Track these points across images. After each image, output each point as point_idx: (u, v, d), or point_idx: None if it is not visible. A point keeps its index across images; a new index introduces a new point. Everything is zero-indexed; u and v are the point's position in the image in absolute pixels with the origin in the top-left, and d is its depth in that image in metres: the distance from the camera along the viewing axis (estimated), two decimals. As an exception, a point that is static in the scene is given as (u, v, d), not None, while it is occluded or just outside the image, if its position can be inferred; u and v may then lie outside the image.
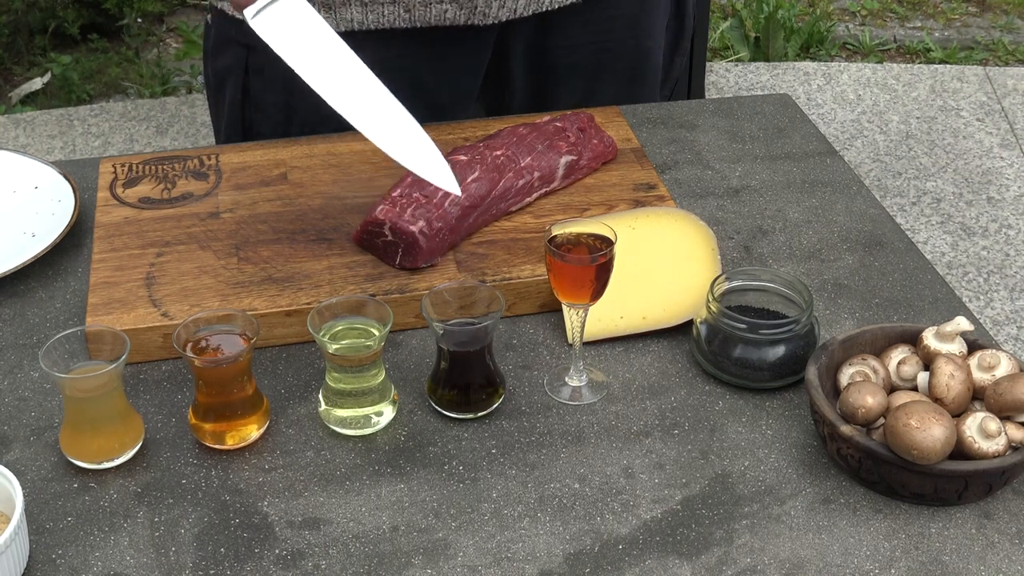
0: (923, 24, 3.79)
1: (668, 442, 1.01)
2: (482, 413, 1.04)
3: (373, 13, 1.30)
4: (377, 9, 1.30)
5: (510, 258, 1.17)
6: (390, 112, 1.03)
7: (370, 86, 1.03)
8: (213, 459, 1.00)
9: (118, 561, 0.91)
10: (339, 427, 1.02)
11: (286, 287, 1.13)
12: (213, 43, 1.41)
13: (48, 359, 0.95)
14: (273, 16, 1.00)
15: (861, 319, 1.15)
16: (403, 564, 0.91)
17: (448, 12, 1.31)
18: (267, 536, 0.93)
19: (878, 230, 1.28)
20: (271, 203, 1.24)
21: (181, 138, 3.11)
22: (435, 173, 1.03)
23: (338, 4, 1.30)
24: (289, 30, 1.00)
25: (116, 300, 1.11)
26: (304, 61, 1.00)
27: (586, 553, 0.92)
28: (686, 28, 1.54)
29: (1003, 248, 2.72)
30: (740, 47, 3.57)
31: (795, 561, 0.91)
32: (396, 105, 1.03)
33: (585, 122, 1.31)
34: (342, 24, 1.31)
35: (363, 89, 1.02)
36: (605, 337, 1.11)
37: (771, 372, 1.05)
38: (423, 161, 1.02)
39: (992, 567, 0.91)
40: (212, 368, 0.97)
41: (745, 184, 1.34)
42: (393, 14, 1.31)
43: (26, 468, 0.99)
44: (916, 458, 0.91)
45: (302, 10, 1.02)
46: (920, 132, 3.14)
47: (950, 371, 0.96)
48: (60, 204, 1.26)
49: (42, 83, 3.35)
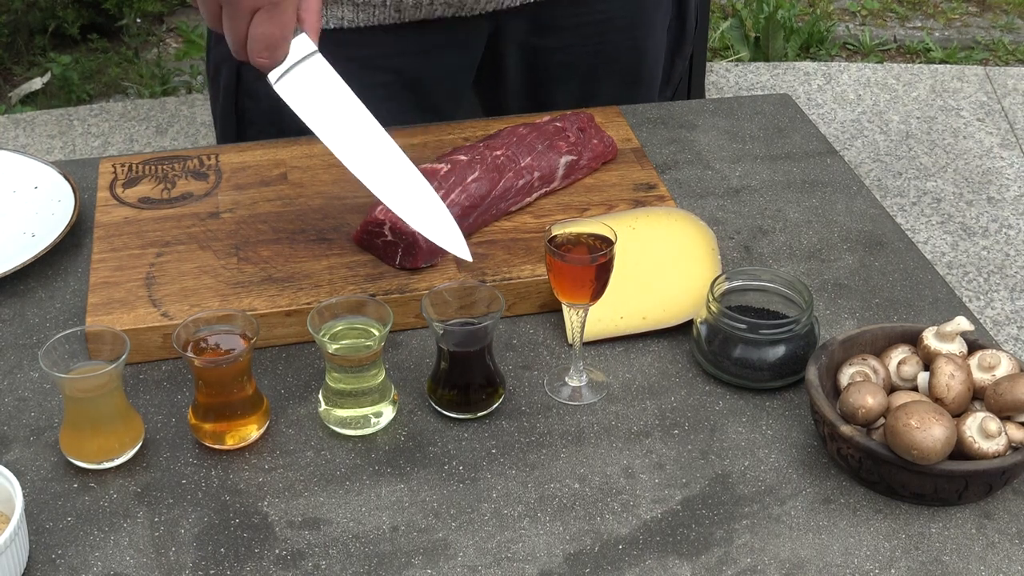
0: (923, 24, 3.79)
1: (668, 442, 1.01)
2: (482, 413, 1.04)
3: (364, 12, 1.31)
4: (368, 9, 1.30)
5: (510, 258, 1.17)
6: (405, 177, 1.07)
7: (386, 149, 1.07)
8: (213, 459, 1.00)
9: (118, 561, 0.91)
10: (339, 427, 1.02)
11: (286, 287, 1.13)
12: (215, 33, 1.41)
13: (48, 359, 0.95)
14: (295, 79, 1.04)
15: (861, 319, 1.15)
16: (403, 564, 0.91)
17: (438, 11, 1.31)
18: (267, 536, 0.93)
19: (878, 230, 1.28)
20: (271, 203, 1.24)
21: (181, 138, 3.11)
22: (447, 239, 1.06)
23: (329, 2, 1.30)
24: (310, 93, 1.05)
25: (116, 300, 1.11)
26: (324, 124, 1.05)
27: (586, 553, 0.92)
28: (687, 30, 1.54)
29: (1003, 248, 2.72)
30: (740, 47, 3.57)
31: (795, 561, 0.91)
32: (412, 169, 1.07)
33: (585, 122, 1.31)
34: (331, 21, 1.31)
35: (379, 153, 1.06)
36: (605, 337, 1.11)
37: (771, 372, 1.05)
38: (436, 227, 1.06)
39: (992, 567, 0.91)
40: (212, 368, 0.97)
41: (745, 184, 1.34)
42: (383, 14, 1.31)
43: (26, 468, 0.99)
44: (916, 458, 0.91)
45: (322, 72, 1.06)
46: (920, 132, 3.14)
47: (950, 371, 0.96)
48: (60, 204, 1.26)
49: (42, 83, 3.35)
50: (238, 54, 1.03)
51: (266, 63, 1.03)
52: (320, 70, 1.05)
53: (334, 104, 1.05)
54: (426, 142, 1.35)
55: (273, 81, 1.04)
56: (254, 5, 0.99)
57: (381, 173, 1.05)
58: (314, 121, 1.05)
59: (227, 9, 1.00)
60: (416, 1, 1.30)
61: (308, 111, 1.04)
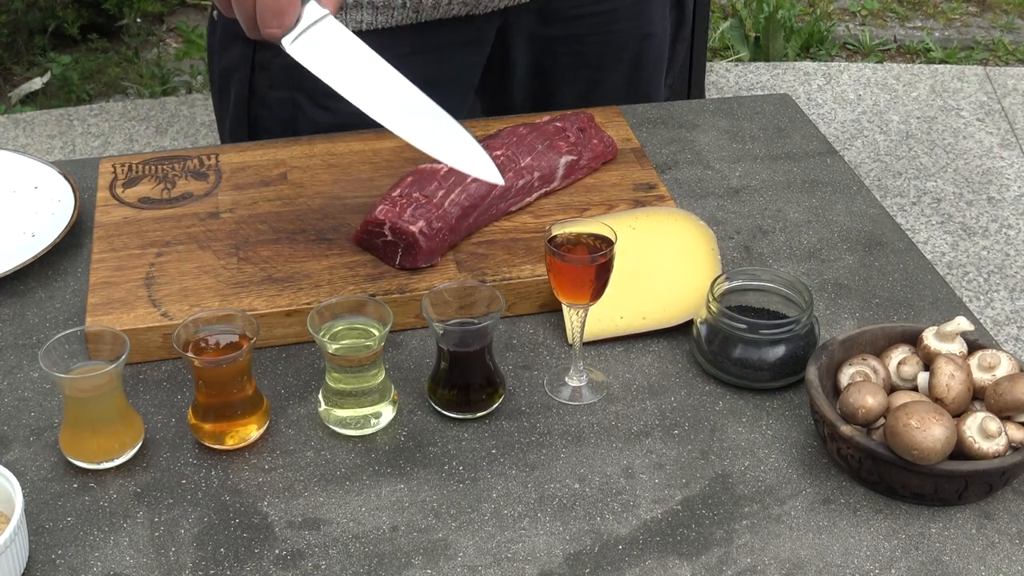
0: (923, 24, 3.79)
1: (668, 442, 1.01)
2: (482, 413, 1.04)
3: (383, 15, 1.32)
4: (387, 12, 1.31)
5: (510, 258, 1.17)
6: (428, 114, 1.06)
7: (408, 93, 1.06)
8: (213, 459, 1.00)
9: (118, 561, 0.91)
10: (339, 427, 1.02)
11: (286, 287, 1.13)
12: (219, 40, 1.41)
13: (48, 359, 0.95)
14: (308, 41, 1.05)
15: (861, 319, 1.15)
16: (403, 564, 0.91)
17: (455, 9, 1.32)
18: (267, 536, 0.93)
19: (878, 230, 1.28)
20: (271, 203, 1.24)
21: (181, 138, 3.11)
22: (478, 167, 1.05)
23: (349, 6, 1.30)
24: (324, 52, 1.05)
25: (116, 300, 1.11)
26: (341, 78, 1.05)
27: (586, 553, 0.92)
28: (686, 14, 1.55)
29: (1003, 248, 2.72)
30: (740, 47, 3.57)
31: (795, 561, 0.91)
32: (436, 109, 1.06)
33: (585, 122, 1.31)
34: (351, 24, 1.32)
35: (404, 100, 1.06)
36: (605, 337, 1.11)
37: (771, 372, 1.05)
38: (466, 157, 1.05)
39: (992, 567, 0.91)
40: (212, 368, 0.97)
41: (745, 184, 1.34)
42: (402, 15, 1.32)
43: (26, 468, 0.99)
44: (916, 458, 0.91)
45: (335, 32, 1.06)
46: (920, 132, 3.14)
47: (950, 371, 0.96)
48: (60, 204, 1.26)
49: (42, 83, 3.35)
50: (250, 32, 1.04)
51: (276, 32, 1.03)
52: (333, 31, 1.05)
53: (349, 59, 1.05)
54: (426, 142, 1.35)
55: (287, 46, 1.04)
56: None
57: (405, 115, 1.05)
58: (331, 77, 1.05)
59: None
60: (435, 1, 1.31)
61: (324, 69, 1.05)
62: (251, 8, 1.02)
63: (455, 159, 1.05)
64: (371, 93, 1.05)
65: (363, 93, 1.04)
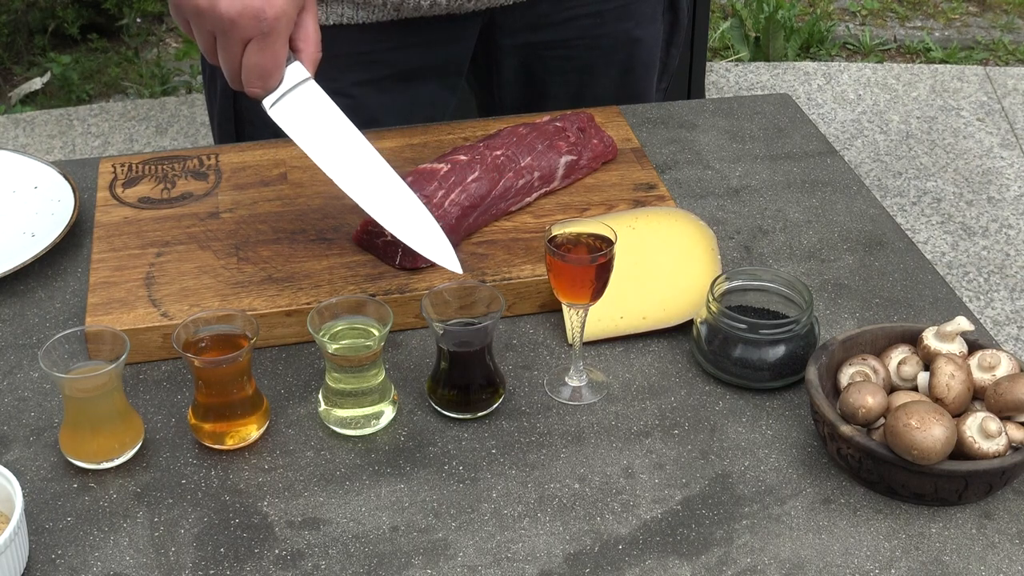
0: (923, 24, 3.79)
1: (668, 442, 1.01)
2: (482, 413, 1.04)
3: (364, 11, 1.32)
4: (368, 8, 1.31)
5: (510, 258, 1.17)
6: (397, 194, 1.09)
7: (377, 168, 1.09)
8: (213, 459, 1.00)
9: (118, 561, 0.91)
10: (339, 427, 1.02)
11: (286, 287, 1.13)
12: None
13: (48, 359, 0.95)
14: (289, 105, 1.07)
15: (861, 319, 1.15)
16: (403, 564, 0.91)
17: (436, 8, 1.32)
18: (267, 536, 0.93)
19: (878, 230, 1.28)
20: (271, 203, 1.24)
21: (181, 138, 3.11)
22: (438, 253, 1.08)
23: (329, 0, 1.30)
24: (303, 117, 1.07)
25: (116, 300, 1.11)
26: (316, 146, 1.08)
27: (586, 553, 0.92)
28: (680, 20, 1.55)
29: (1003, 248, 2.72)
30: (740, 47, 3.57)
31: (795, 561, 0.91)
32: (403, 187, 1.09)
33: (585, 122, 1.31)
34: (331, 18, 1.32)
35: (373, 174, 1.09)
36: (605, 337, 1.11)
37: (771, 372, 1.05)
38: (428, 242, 1.08)
39: (992, 567, 0.91)
40: (212, 368, 0.97)
41: (745, 184, 1.34)
42: (383, 12, 1.32)
43: (26, 468, 0.99)
44: (916, 458, 0.91)
45: (315, 97, 1.08)
46: (920, 132, 3.14)
47: (950, 371, 0.96)
48: (60, 204, 1.26)
49: (42, 83, 3.35)
50: (233, 84, 1.06)
51: (259, 92, 1.06)
52: (313, 95, 1.08)
53: (326, 127, 1.08)
54: (426, 142, 1.35)
55: (268, 107, 1.06)
56: (246, 36, 1.01)
57: (373, 191, 1.08)
58: (306, 143, 1.07)
59: (221, 40, 1.03)
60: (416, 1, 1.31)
61: (300, 134, 1.07)
62: (237, 65, 1.04)
63: (417, 243, 1.07)
64: (345, 166, 1.08)
65: (337, 165, 1.07)
